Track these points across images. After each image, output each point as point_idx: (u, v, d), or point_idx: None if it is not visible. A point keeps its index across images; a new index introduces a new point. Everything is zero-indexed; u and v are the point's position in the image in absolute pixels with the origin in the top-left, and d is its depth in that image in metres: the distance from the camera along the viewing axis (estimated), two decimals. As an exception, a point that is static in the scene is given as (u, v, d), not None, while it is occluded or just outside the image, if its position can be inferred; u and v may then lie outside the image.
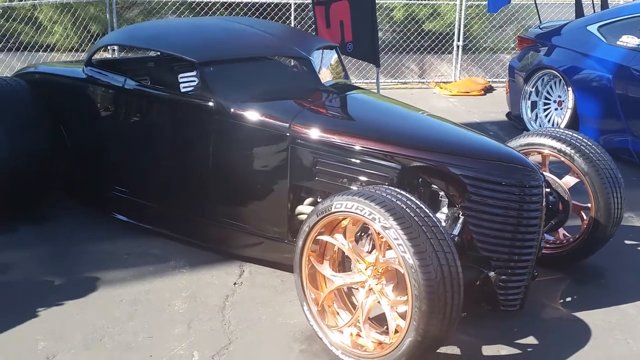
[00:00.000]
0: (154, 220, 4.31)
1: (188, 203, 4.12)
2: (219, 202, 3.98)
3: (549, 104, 6.96)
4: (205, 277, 3.82)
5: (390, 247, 2.82)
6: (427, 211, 2.84)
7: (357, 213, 2.86)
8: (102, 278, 3.78)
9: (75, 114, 4.62)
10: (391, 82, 9.78)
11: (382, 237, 2.85)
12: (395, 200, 2.85)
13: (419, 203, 2.87)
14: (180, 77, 4.17)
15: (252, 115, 3.74)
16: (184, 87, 4.14)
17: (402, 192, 2.94)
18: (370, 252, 3.05)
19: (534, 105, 7.05)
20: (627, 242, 4.45)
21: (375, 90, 6.40)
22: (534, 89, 7.00)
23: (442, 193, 3.38)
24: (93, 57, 4.62)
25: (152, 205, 4.30)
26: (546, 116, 6.98)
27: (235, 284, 3.76)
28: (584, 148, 3.80)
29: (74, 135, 4.62)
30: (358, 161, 3.45)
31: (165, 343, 3.16)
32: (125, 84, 4.26)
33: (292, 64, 4.46)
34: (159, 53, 5.11)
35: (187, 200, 4.13)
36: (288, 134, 3.62)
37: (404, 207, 2.81)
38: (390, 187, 3.01)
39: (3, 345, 3.11)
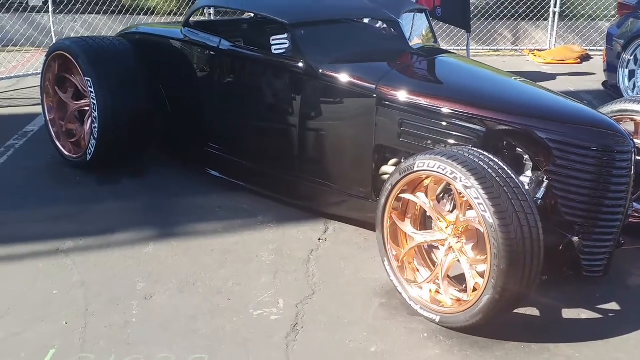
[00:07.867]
0: (245, 177, 4.49)
1: (277, 161, 4.27)
2: (306, 160, 4.11)
3: (648, 72, 6.69)
4: (292, 232, 3.98)
5: (471, 207, 2.87)
6: (510, 172, 2.87)
7: (439, 172, 2.92)
8: (195, 228, 4.01)
9: (173, 72, 4.83)
10: (482, 49, 9.62)
11: (463, 197, 2.90)
12: (477, 160, 2.89)
13: (501, 164, 2.90)
14: (272, 39, 4.31)
15: (340, 76, 3.83)
16: (275, 49, 4.28)
17: (484, 153, 2.97)
18: (451, 212, 3.11)
19: (631, 74, 6.80)
20: None
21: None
22: (632, 57, 6.75)
23: (526, 157, 3.38)
24: (190, 19, 4.81)
25: (244, 163, 4.47)
26: (644, 85, 6.73)
27: (319, 239, 3.90)
28: (679, 116, 3.68)
29: (172, 93, 4.85)
30: (443, 123, 3.49)
31: (252, 290, 3.35)
32: (220, 45, 4.44)
33: (381, 26, 4.51)
34: (252, 15, 5.27)
35: (276, 158, 4.28)
36: (375, 95, 3.69)
37: (486, 167, 2.85)
38: (473, 148, 3.05)
39: (107, 284, 3.38)
